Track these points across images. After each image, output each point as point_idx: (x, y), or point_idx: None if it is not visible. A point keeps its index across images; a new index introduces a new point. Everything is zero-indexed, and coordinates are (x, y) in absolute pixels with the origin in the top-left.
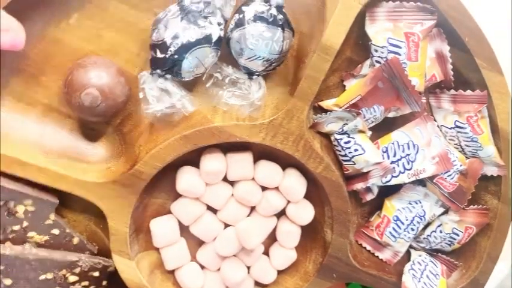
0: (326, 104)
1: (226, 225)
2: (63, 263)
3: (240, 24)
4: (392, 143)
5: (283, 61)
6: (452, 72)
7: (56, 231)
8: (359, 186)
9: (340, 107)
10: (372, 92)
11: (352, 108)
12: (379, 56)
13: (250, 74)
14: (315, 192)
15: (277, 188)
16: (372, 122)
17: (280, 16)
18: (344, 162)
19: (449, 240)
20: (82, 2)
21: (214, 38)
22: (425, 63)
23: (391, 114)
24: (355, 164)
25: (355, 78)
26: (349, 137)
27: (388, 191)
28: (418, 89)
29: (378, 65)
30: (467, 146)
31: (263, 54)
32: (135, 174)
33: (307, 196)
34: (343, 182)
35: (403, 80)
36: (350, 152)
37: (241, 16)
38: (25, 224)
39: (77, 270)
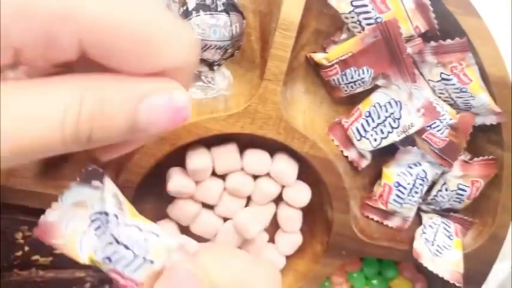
0: (317, 56)
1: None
2: (71, 281)
3: (185, 16)
4: (374, 106)
5: (240, 45)
6: (436, 21)
7: (57, 251)
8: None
9: (330, 61)
10: (364, 52)
11: (342, 64)
12: (352, 22)
13: (209, 65)
14: (308, 173)
15: (268, 175)
16: (359, 85)
17: (223, 0)
18: None
19: (457, 197)
20: None
21: None
22: (401, 8)
23: (379, 82)
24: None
25: (337, 44)
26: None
27: (385, 157)
28: (406, 34)
29: (355, 30)
30: (458, 97)
31: (214, 43)
32: (121, 183)
33: (301, 178)
34: (333, 157)
35: (398, 44)
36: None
37: (184, 8)
38: (26, 248)
39: (87, 285)
